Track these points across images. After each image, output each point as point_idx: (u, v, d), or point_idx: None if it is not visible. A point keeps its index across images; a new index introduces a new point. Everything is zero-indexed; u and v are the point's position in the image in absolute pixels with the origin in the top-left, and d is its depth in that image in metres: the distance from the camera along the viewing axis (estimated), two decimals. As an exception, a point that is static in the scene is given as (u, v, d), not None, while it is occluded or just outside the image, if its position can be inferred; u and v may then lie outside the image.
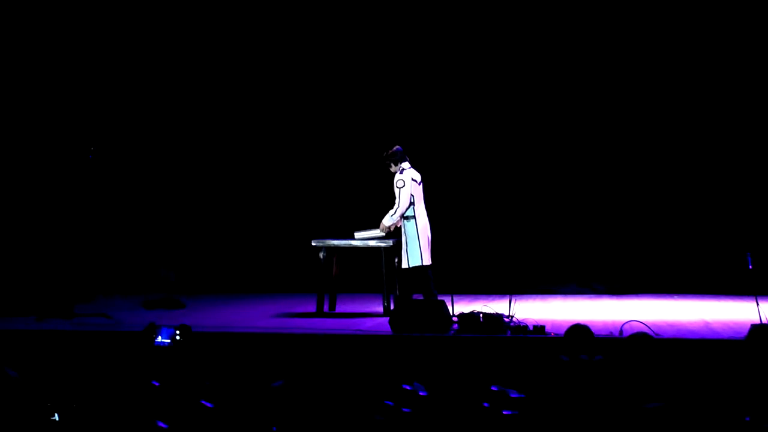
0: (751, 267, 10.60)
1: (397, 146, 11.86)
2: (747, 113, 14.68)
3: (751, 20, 14.57)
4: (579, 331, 8.62)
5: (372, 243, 12.09)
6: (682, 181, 14.83)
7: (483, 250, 15.04)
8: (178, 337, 9.18)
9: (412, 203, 11.71)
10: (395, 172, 11.76)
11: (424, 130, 15.06)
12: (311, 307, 12.43)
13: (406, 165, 11.79)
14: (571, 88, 15.02)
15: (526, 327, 10.28)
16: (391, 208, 11.70)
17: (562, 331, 8.98)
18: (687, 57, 14.75)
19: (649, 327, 10.02)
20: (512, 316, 10.54)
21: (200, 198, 15.70)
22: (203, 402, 6.00)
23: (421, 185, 11.83)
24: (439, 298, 11.12)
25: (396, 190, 11.73)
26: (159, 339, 9.23)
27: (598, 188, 15.02)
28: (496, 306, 11.17)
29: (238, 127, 15.67)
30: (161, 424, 5.62)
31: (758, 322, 9.88)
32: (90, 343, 9.88)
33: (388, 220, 11.80)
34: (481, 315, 10.31)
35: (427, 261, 11.69)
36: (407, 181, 11.67)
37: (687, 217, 14.81)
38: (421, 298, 11.58)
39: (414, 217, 11.71)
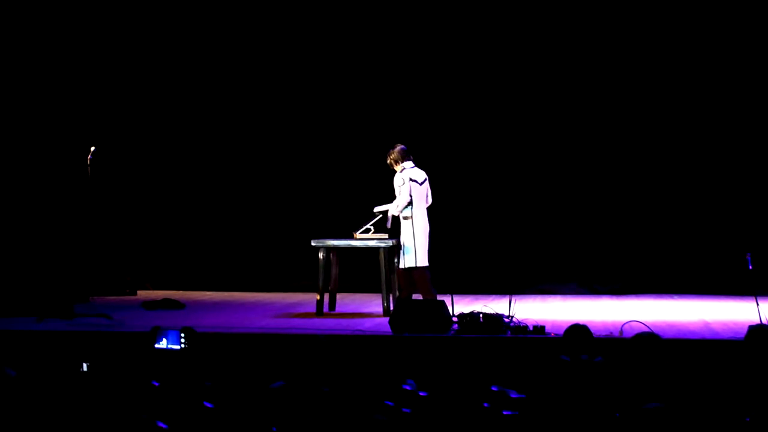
0: (751, 267, 10.60)
1: (401, 145, 11.87)
2: (747, 114, 14.68)
3: (751, 20, 14.57)
4: (578, 331, 8.63)
5: (372, 243, 12.09)
6: (682, 181, 14.83)
7: (483, 249, 15.03)
8: (183, 341, 9.11)
9: (410, 203, 11.72)
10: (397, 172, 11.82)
11: (424, 130, 15.05)
12: (311, 307, 12.43)
13: (408, 164, 11.81)
14: (572, 88, 15.02)
15: (526, 327, 10.28)
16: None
17: (562, 331, 8.99)
18: (688, 57, 14.75)
19: (649, 327, 10.02)
20: (512, 317, 10.54)
21: (200, 197, 15.69)
22: (204, 403, 6.01)
23: (423, 185, 11.84)
24: (439, 298, 11.12)
25: (396, 189, 11.81)
26: (165, 343, 9.15)
27: (599, 188, 15.02)
28: (496, 306, 11.18)
29: (238, 126, 15.66)
30: (161, 425, 5.62)
31: (756, 323, 9.88)
32: (92, 344, 9.88)
33: (386, 208, 11.80)
34: (481, 315, 10.31)
35: (424, 262, 11.69)
36: (405, 181, 11.70)
37: (687, 217, 14.81)
38: (421, 298, 11.59)
39: (411, 217, 11.72)
